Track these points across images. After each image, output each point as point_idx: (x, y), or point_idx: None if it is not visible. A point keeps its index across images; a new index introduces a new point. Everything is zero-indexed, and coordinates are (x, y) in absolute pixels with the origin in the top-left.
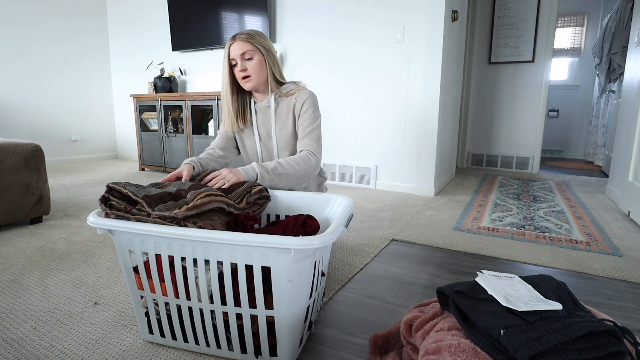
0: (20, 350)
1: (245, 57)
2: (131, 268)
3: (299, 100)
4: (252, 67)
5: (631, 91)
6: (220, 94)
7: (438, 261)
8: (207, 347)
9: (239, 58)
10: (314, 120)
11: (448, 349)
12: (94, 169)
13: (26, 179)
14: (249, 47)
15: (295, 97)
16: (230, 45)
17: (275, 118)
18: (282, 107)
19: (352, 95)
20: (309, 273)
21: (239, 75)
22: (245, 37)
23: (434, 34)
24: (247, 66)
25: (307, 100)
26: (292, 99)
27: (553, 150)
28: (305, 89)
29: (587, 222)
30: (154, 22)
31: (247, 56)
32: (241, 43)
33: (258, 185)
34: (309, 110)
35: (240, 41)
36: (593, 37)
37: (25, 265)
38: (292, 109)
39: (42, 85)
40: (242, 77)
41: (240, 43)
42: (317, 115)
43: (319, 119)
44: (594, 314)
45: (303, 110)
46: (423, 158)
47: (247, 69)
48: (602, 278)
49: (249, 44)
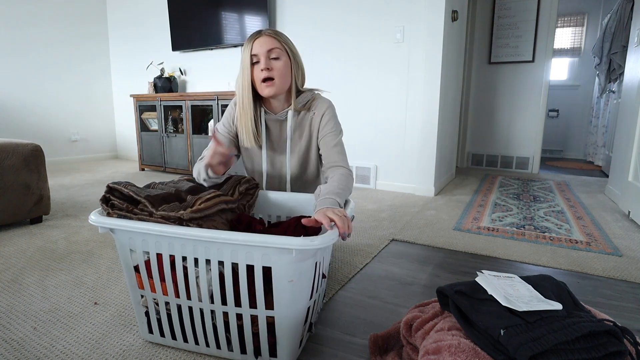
0: (20, 350)
1: (272, 55)
2: (132, 267)
3: (317, 114)
4: (278, 69)
5: (631, 91)
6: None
7: (438, 261)
8: (207, 347)
9: (264, 55)
10: (337, 134)
11: (448, 349)
12: (94, 169)
13: (26, 179)
14: (277, 45)
15: (313, 110)
16: (255, 40)
17: (290, 133)
18: (298, 121)
19: (352, 95)
20: (309, 274)
21: (260, 75)
22: (273, 33)
23: (434, 34)
24: (272, 66)
25: (326, 112)
26: (309, 113)
27: (553, 150)
28: (322, 98)
29: (587, 222)
30: (154, 22)
31: (273, 55)
32: (268, 39)
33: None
34: (329, 123)
35: (267, 36)
36: (593, 37)
37: (25, 265)
38: (309, 123)
39: (42, 85)
40: (263, 79)
41: (267, 38)
42: (339, 129)
43: (341, 132)
44: (594, 314)
45: (323, 124)
46: (423, 158)
47: (272, 69)
48: (602, 278)
49: (277, 41)
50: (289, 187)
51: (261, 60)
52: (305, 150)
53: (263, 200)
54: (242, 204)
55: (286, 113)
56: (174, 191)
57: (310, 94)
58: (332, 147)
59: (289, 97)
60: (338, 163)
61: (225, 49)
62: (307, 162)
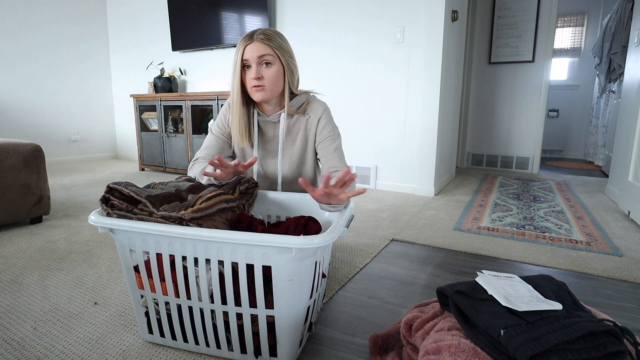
0: (20, 350)
1: (263, 62)
2: (132, 267)
3: (312, 117)
4: (269, 77)
5: (631, 91)
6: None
7: (438, 261)
8: (207, 347)
9: (255, 62)
10: (335, 139)
11: (448, 349)
12: (94, 169)
13: (26, 179)
14: (268, 51)
15: (308, 113)
16: (246, 45)
17: (284, 137)
18: (292, 124)
19: (351, 95)
20: (309, 273)
21: (251, 82)
22: (265, 38)
23: (434, 34)
24: (263, 74)
25: (322, 116)
26: (303, 117)
27: (553, 150)
28: (317, 101)
29: (587, 222)
30: (154, 22)
31: (264, 61)
32: (260, 45)
33: (244, 176)
34: (327, 128)
35: (259, 42)
36: (593, 37)
37: (25, 265)
38: (304, 127)
39: (42, 85)
40: (253, 85)
41: (258, 45)
42: (337, 132)
43: (339, 136)
44: (594, 314)
45: (320, 128)
46: (423, 158)
47: (262, 77)
48: (602, 278)
49: (268, 47)
50: (280, 190)
51: (252, 67)
52: (299, 153)
53: (263, 200)
54: (241, 203)
55: (279, 116)
56: (174, 191)
57: (305, 96)
58: (331, 152)
59: (281, 101)
60: (339, 168)
61: (225, 49)
62: (302, 165)
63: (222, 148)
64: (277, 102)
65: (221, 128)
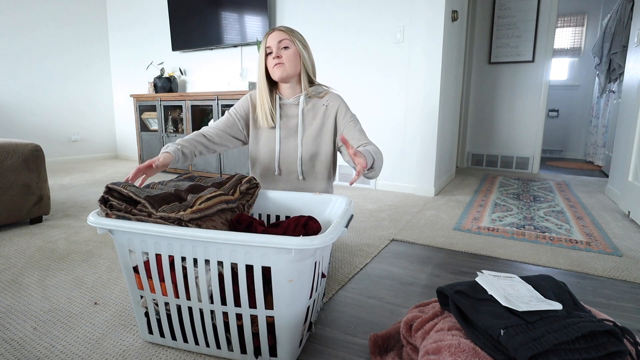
0: (20, 350)
1: (282, 45)
2: (131, 268)
3: (332, 105)
4: (287, 56)
5: (631, 91)
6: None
7: (438, 261)
8: (207, 348)
9: (275, 46)
10: (357, 122)
11: (448, 349)
12: (94, 169)
13: (26, 179)
14: (287, 37)
15: (326, 100)
16: (269, 35)
17: (302, 117)
18: (310, 107)
19: (351, 95)
20: (309, 273)
21: (272, 62)
22: (284, 28)
23: (434, 34)
24: (281, 54)
25: (341, 104)
26: (321, 101)
27: (553, 150)
28: (333, 94)
29: (587, 222)
30: (154, 22)
31: (283, 45)
32: (279, 33)
33: (246, 176)
34: (347, 114)
35: (279, 31)
36: (593, 37)
37: (25, 265)
38: (322, 111)
39: (42, 85)
40: (274, 65)
41: (278, 32)
42: (356, 118)
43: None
44: (594, 314)
45: (341, 115)
46: (423, 158)
47: (281, 56)
48: (602, 278)
49: (286, 34)
50: (300, 167)
51: (273, 51)
52: (317, 133)
53: (263, 199)
54: (241, 203)
55: (298, 98)
56: (173, 191)
57: (324, 87)
58: (358, 131)
59: (300, 83)
60: (368, 141)
61: (225, 49)
62: (320, 146)
63: (232, 129)
64: (295, 84)
65: (238, 110)
